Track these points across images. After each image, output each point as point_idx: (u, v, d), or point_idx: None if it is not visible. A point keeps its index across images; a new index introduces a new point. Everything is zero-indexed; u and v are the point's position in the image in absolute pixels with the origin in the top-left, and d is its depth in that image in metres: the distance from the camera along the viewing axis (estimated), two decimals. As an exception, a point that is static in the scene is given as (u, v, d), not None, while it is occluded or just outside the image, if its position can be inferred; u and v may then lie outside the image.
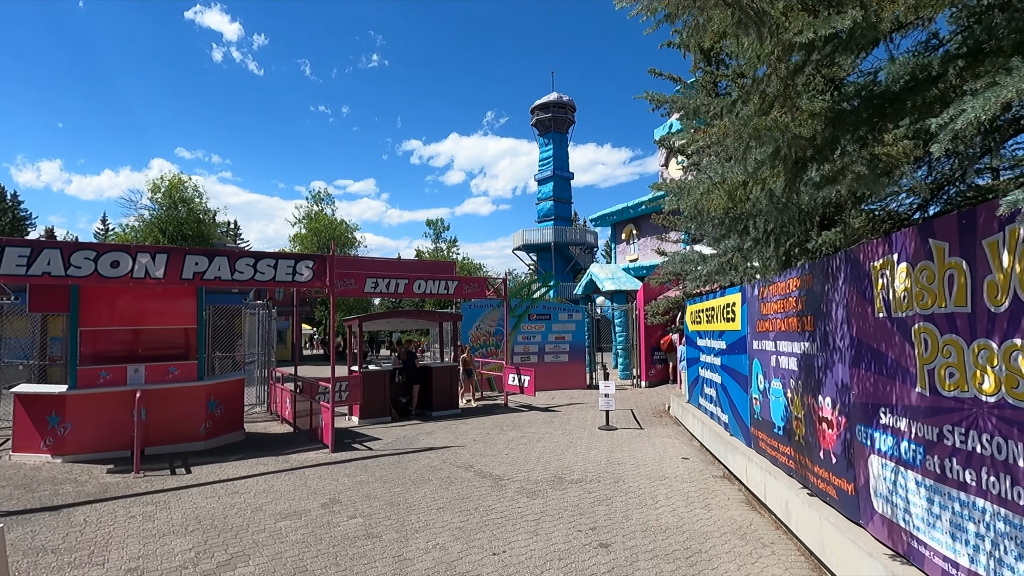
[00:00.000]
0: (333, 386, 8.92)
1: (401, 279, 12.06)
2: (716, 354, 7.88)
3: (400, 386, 12.43)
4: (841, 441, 3.94)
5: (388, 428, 10.77)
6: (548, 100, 46.36)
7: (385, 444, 9.22)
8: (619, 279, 18.36)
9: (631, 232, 19.85)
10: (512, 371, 13.22)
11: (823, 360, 4.21)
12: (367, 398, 11.44)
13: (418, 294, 12.33)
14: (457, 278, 12.94)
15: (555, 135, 46.38)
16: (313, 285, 8.66)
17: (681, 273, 4.55)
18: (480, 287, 13.23)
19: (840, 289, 3.91)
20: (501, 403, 13.65)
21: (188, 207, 22.00)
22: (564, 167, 46.72)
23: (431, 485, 6.62)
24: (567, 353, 16.25)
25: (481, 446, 8.85)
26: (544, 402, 13.76)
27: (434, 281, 12.48)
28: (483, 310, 15.97)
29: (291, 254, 8.47)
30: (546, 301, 16.59)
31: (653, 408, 12.80)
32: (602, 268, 19.12)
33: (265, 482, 6.85)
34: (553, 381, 16.02)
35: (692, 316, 9.64)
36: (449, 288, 12.68)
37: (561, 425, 10.68)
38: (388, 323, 12.98)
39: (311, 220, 33.88)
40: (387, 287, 11.87)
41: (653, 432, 9.85)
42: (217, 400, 9.26)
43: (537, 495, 6.19)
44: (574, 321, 16.37)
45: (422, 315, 12.40)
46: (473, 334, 15.84)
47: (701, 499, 6.07)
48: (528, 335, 16.12)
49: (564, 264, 44.60)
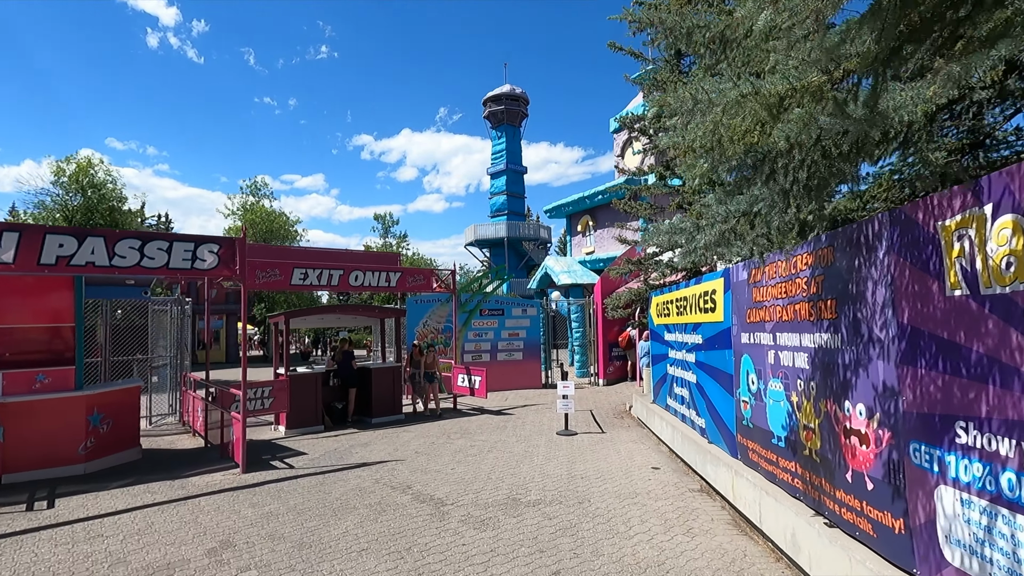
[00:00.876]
0: (244, 393, 7.51)
1: (335, 270, 10.70)
2: (689, 349, 6.97)
3: (335, 390, 11.06)
4: (883, 462, 3.00)
5: (318, 439, 9.40)
6: (500, 92, 45.24)
7: (311, 460, 7.88)
8: (575, 272, 17.47)
9: (587, 224, 19.01)
10: (461, 371, 12.05)
11: (851, 356, 3.28)
12: (295, 405, 10.04)
13: (355, 287, 10.99)
14: (400, 269, 11.67)
15: (508, 128, 45.32)
16: (219, 274, 7.22)
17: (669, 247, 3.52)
18: (426, 279, 11.99)
19: (880, 263, 2.98)
20: (450, 407, 12.46)
21: (99, 193, 19.61)
22: (517, 161, 45.73)
23: (357, 515, 5.39)
24: (521, 351, 15.21)
25: (423, 459, 7.66)
26: (497, 404, 12.67)
27: (374, 273, 11.16)
28: (430, 305, 14.71)
29: (190, 236, 7.01)
30: (499, 296, 15.50)
31: (613, 408, 11.92)
32: (557, 261, 18.20)
33: (145, 518, 5.44)
34: (507, 381, 14.95)
35: (658, 308, 8.75)
36: (391, 280, 11.39)
37: (515, 431, 9.60)
38: (322, 319, 11.57)
39: (247, 212, 31.53)
40: (318, 279, 10.48)
41: (616, 436, 8.92)
42: (103, 413, 7.68)
43: (487, 525, 5.07)
44: (528, 317, 15.36)
45: (359, 310, 11.06)
46: (420, 331, 14.56)
47: (681, 522, 5.11)
48: (480, 332, 14.98)
49: (518, 260, 43.66)
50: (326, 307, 10.35)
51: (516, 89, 45.67)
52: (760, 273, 4.63)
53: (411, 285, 11.75)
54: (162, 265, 6.77)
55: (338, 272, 10.69)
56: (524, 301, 15.48)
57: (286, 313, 10.08)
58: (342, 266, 10.80)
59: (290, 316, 10.19)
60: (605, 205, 18.06)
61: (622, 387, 14.92)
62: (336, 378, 11.06)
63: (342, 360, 11.03)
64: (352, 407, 11.07)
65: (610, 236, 17.90)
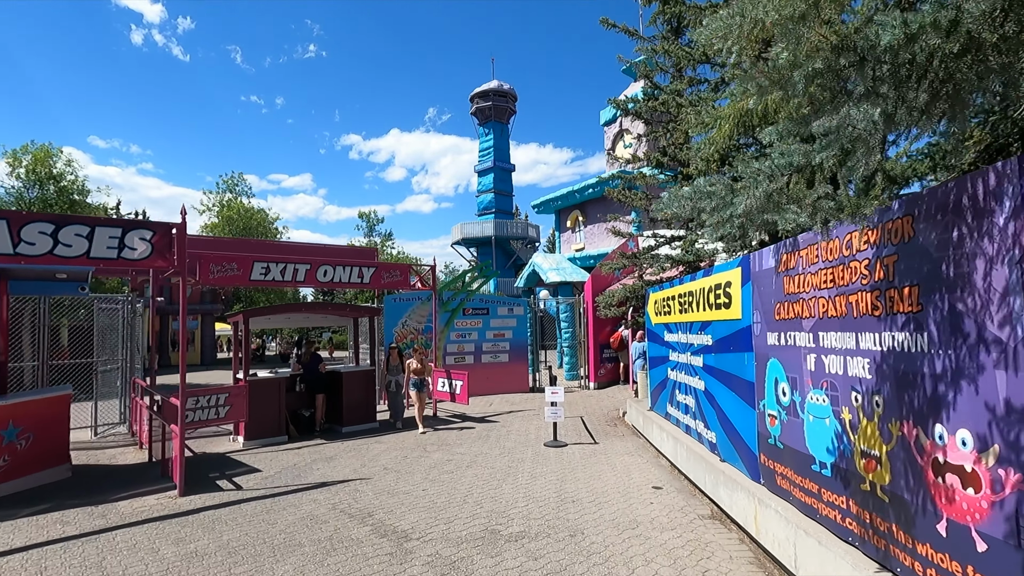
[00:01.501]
0: (183, 404, 6.50)
1: (301, 264, 9.73)
2: (696, 352, 6.10)
3: (301, 397, 10.06)
4: (1005, 516, 2.13)
5: (279, 452, 8.41)
6: (488, 88, 44.33)
7: (263, 479, 6.90)
8: (564, 270, 16.59)
9: (577, 219, 18.15)
10: (442, 375, 11.09)
11: (947, 363, 2.41)
12: (256, 414, 9.04)
13: (323, 283, 10.01)
14: (375, 264, 10.71)
15: (495, 125, 44.42)
16: (153, 264, 6.21)
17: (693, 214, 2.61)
18: (403, 276, 11.03)
19: (1002, 232, 2.11)
20: (429, 414, 11.50)
21: (58, 185, 18.37)
22: (505, 158, 44.84)
23: (300, 556, 4.43)
24: (507, 352, 14.29)
25: (392, 478, 6.71)
26: (480, 410, 11.73)
27: (344, 268, 10.20)
28: (410, 304, 13.74)
29: (117, 220, 5.99)
30: (484, 294, 14.57)
31: (605, 414, 11.04)
32: (545, 258, 17.31)
33: (39, 561, 4.44)
34: (492, 384, 14.02)
35: (657, 306, 7.89)
36: (364, 276, 10.43)
37: (499, 442, 8.68)
38: (287, 319, 10.56)
39: (224, 208, 30.30)
40: (282, 274, 9.50)
41: (610, 448, 8.04)
42: (21, 426, 6.64)
43: (457, 569, 4.14)
44: (515, 316, 14.44)
45: (327, 309, 10.08)
46: (398, 332, 13.58)
47: (693, 561, 4.22)
48: (463, 332, 14.04)
49: (505, 259, 42.77)
50: (288, 305, 9.37)
51: (504, 85, 44.79)
52: (794, 258, 3.75)
53: (387, 281, 10.78)
54: (81, 254, 5.75)
55: (304, 267, 9.71)
56: (510, 300, 14.59)
57: (244, 312, 9.07)
58: (309, 260, 9.82)
59: (249, 315, 9.18)
60: (596, 199, 17.22)
61: (614, 391, 14.05)
62: (302, 383, 10.07)
63: (308, 363, 10.04)
64: (321, 415, 10.08)
65: (601, 232, 17.06)
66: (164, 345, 30.30)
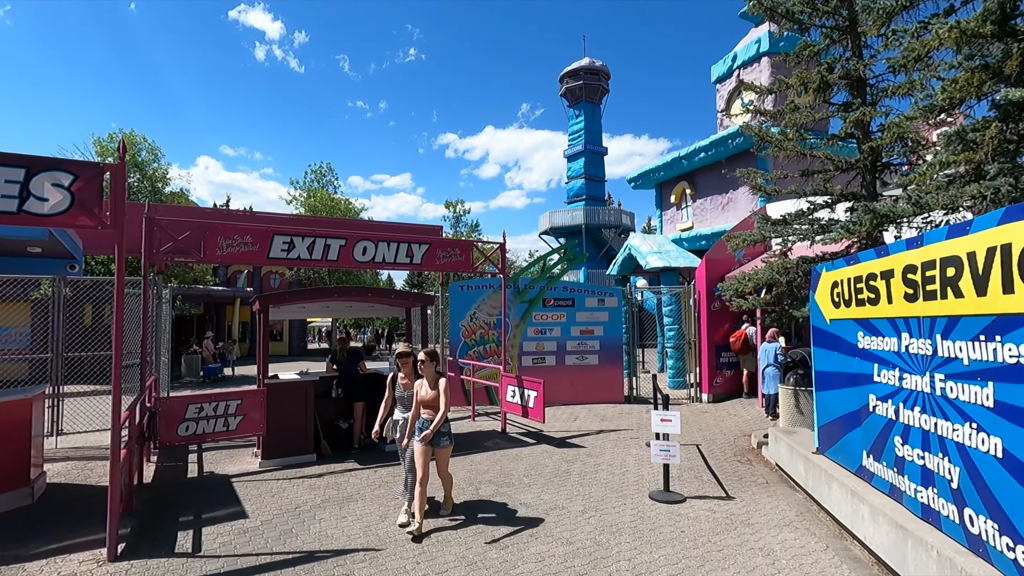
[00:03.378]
0: (116, 419, 4.53)
1: (334, 239, 7.73)
2: (967, 375, 3.18)
3: (338, 404, 8.11)
4: None
5: (293, 482, 6.43)
6: (579, 66, 41.40)
7: (240, 533, 4.85)
8: (668, 253, 13.59)
9: (683, 192, 15.01)
10: (511, 382, 8.70)
11: None
12: (276, 426, 7.18)
13: (363, 263, 7.94)
14: (428, 240, 8.49)
15: (586, 105, 41.38)
16: (75, 222, 4.30)
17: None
18: (464, 254, 8.74)
19: None
20: (497, 428, 9.17)
21: (141, 172, 18.24)
22: (597, 141, 41.70)
23: None
24: (597, 353, 11.64)
25: (411, 555, 4.39)
26: (562, 426, 9.21)
27: (389, 244, 8.09)
28: (480, 292, 11.49)
29: (17, 156, 4.12)
30: (569, 282, 12.00)
31: (730, 442, 8.10)
32: (644, 239, 14.38)
33: None
34: (577, 392, 11.45)
35: (841, 290, 4.91)
36: (414, 255, 8.27)
37: (583, 485, 6.13)
38: (326, 307, 8.65)
39: (308, 197, 30.03)
40: (308, 251, 7.55)
41: (755, 509, 5.23)
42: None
43: None
44: (607, 309, 11.74)
45: (368, 295, 8.02)
46: (466, 326, 11.38)
47: None
48: (543, 328, 11.57)
49: (596, 250, 39.75)
50: (315, 290, 7.38)
51: (596, 62, 41.65)
52: None
53: (443, 262, 8.54)
54: (-40, 204, 3.93)
55: (338, 242, 7.69)
56: (601, 288, 11.91)
57: (260, 297, 7.22)
58: (344, 234, 7.79)
59: (267, 302, 7.31)
60: (709, 166, 14.00)
61: (735, 407, 10.94)
62: (339, 388, 8.10)
63: (345, 362, 8.03)
64: (360, 427, 8.06)
65: (715, 206, 13.84)
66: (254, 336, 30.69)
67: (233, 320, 29.37)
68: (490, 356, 11.35)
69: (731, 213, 13.30)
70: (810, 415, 7.45)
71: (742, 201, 12.96)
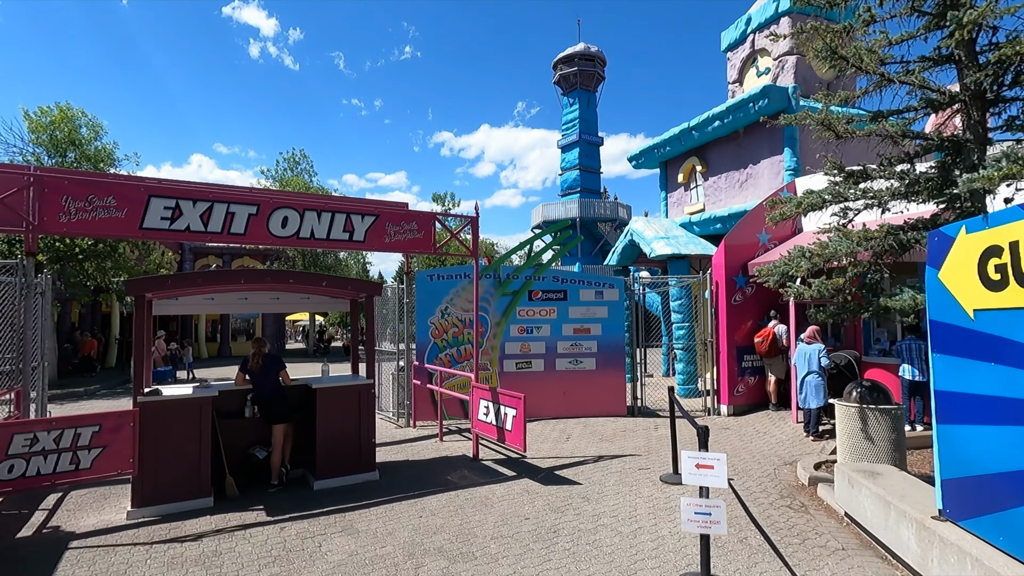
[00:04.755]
0: None
1: (241, 205, 5.74)
2: None
3: (253, 427, 6.13)
4: None
5: (160, 548, 4.44)
6: (573, 51, 39.51)
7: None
8: (676, 239, 11.65)
9: (692, 170, 13.07)
10: (484, 395, 6.73)
11: None
12: (153, 462, 5.23)
13: (281, 238, 5.95)
14: (374, 210, 6.49)
15: (581, 93, 39.49)
16: None
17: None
18: (423, 231, 6.74)
19: None
20: (468, 453, 7.21)
21: (81, 151, 16.17)
22: (592, 130, 39.81)
23: None
24: (594, 356, 9.68)
25: None
26: (550, 450, 7.26)
27: (319, 215, 6.12)
28: (453, 283, 9.51)
29: None
30: (560, 271, 10.05)
31: (770, 474, 6.17)
32: (649, 224, 12.44)
33: None
34: (570, 403, 9.50)
35: (1003, 263, 2.96)
36: (354, 230, 6.30)
37: (576, 556, 4.17)
38: (244, 300, 6.63)
39: (282, 187, 27.91)
40: (203, 220, 5.55)
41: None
42: None
43: None
44: (607, 303, 9.79)
45: (291, 280, 5.98)
46: (436, 324, 9.40)
47: None
48: (529, 326, 9.61)
49: (592, 244, 37.89)
50: (211, 274, 5.30)
51: (591, 48, 39.75)
52: None
53: (394, 240, 6.55)
54: None
55: (246, 209, 5.69)
56: (599, 279, 9.98)
57: (131, 283, 5.22)
58: (255, 199, 5.79)
59: (140, 288, 5.30)
60: (725, 139, 12.07)
61: (762, 421, 9.01)
62: (254, 404, 6.11)
63: (260, 372, 6.03)
64: (280, 457, 6.07)
65: (730, 184, 11.92)
66: (225, 335, 28.59)
67: (199, 318, 27.26)
68: (465, 360, 9.39)
69: (750, 191, 11.38)
70: (888, 446, 5.52)
71: (764, 177, 11.04)
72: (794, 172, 10.41)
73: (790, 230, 10.02)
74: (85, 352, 19.60)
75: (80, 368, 19.37)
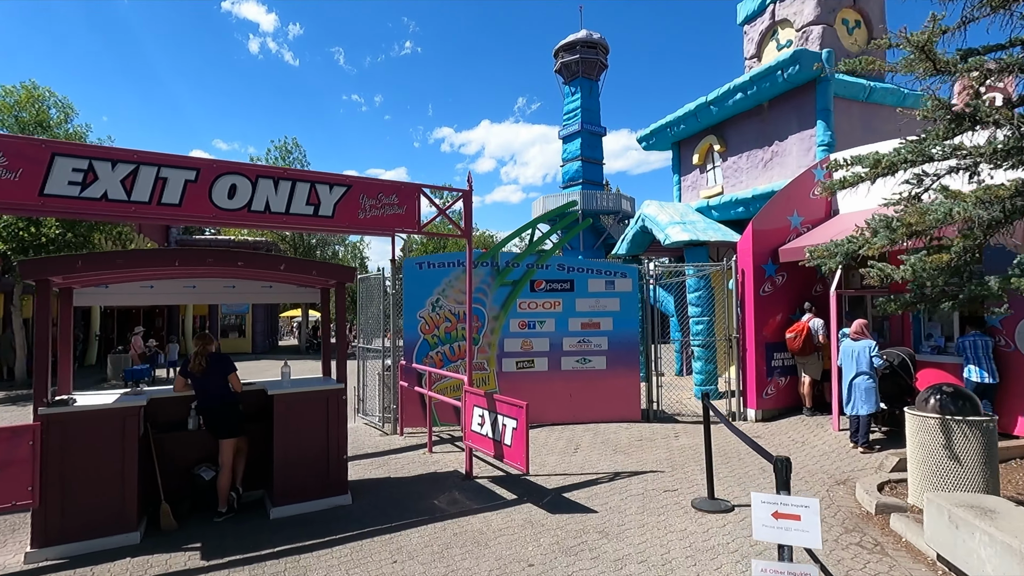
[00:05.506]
0: None
1: (175, 169, 4.63)
2: None
3: (199, 441, 5.06)
4: None
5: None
6: (575, 38, 38.32)
7: None
8: (694, 224, 10.55)
9: (709, 150, 11.95)
10: (478, 402, 5.64)
11: None
12: (61, 490, 4.15)
13: (226, 211, 4.84)
14: (346, 180, 5.37)
15: (583, 82, 38.28)
16: None
17: None
18: (405, 206, 5.61)
19: None
20: (460, 468, 6.13)
21: (50, 135, 15.04)
22: (595, 120, 38.62)
23: None
24: (604, 353, 8.59)
25: None
26: (556, 464, 6.17)
27: (276, 183, 5.03)
28: (446, 271, 8.41)
29: None
30: (565, 258, 8.93)
31: (825, 496, 5.08)
32: (662, 208, 11.34)
33: None
34: (577, 407, 8.42)
35: None
36: (320, 203, 5.22)
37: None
38: (193, 289, 5.52)
39: (273, 176, 26.72)
40: (126, 188, 4.45)
41: None
42: None
43: None
44: (619, 294, 8.69)
45: (240, 263, 4.87)
46: (427, 317, 8.31)
47: None
48: (531, 320, 8.52)
49: (594, 238, 36.77)
50: (142, 253, 4.17)
51: (593, 35, 38.55)
52: None
53: (370, 217, 5.43)
54: None
55: (182, 175, 4.59)
56: (611, 267, 8.89)
57: (25, 265, 4.13)
58: (194, 163, 4.67)
59: (42, 270, 4.21)
60: (746, 114, 10.95)
61: (798, 428, 7.93)
62: (199, 414, 5.02)
63: (204, 376, 4.94)
64: (232, 479, 5.00)
65: (753, 164, 10.80)
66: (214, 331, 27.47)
67: (186, 313, 26.17)
68: (459, 358, 8.30)
69: (776, 171, 10.27)
70: (979, 468, 4.43)
71: (792, 154, 9.92)
72: (828, 147, 9.28)
73: (824, 211, 8.91)
74: (60, 349, 18.49)
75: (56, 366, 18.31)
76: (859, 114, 10.38)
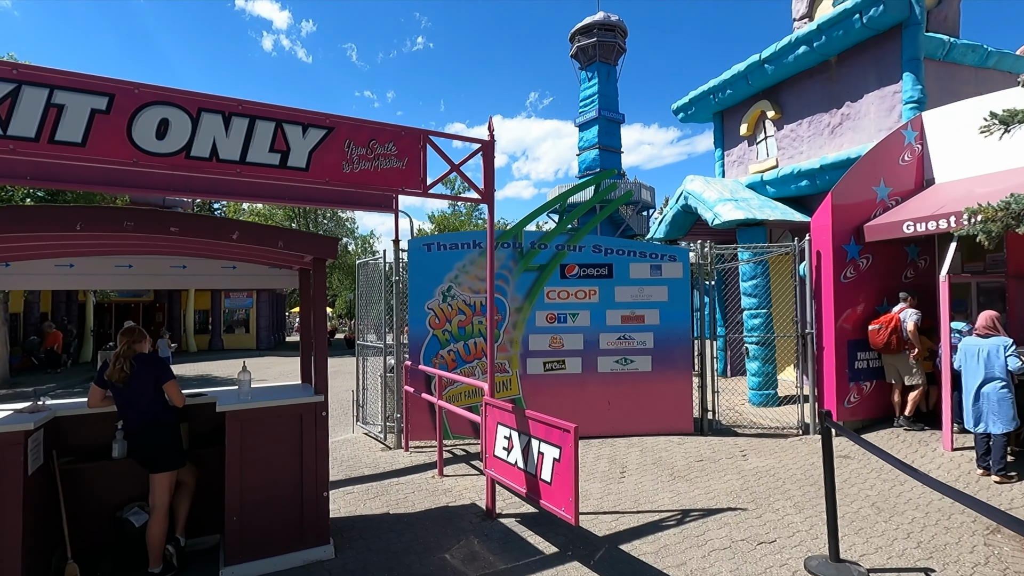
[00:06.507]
0: None
1: (81, 94, 3.20)
2: None
3: (129, 473, 3.70)
4: None
5: None
6: (592, 21, 36.63)
7: None
8: (747, 201, 9.04)
9: (759, 118, 10.39)
10: (504, 418, 4.22)
11: None
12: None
13: (155, 157, 3.43)
14: (327, 122, 3.94)
15: (600, 66, 36.60)
16: None
17: None
18: (405, 157, 4.19)
19: None
20: (480, 503, 4.73)
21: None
22: (612, 106, 36.95)
23: None
24: (649, 353, 7.13)
25: None
26: (599, 494, 4.76)
27: (229, 120, 3.60)
28: (460, 254, 6.99)
29: None
30: (601, 238, 7.43)
31: (978, 551, 3.59)
32: (709, 184, 9.83)
33: None
34: (617, 417, 6.98)
35: None
36: (290, 150, 3.81)
37: None
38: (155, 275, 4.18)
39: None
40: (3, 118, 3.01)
41: None
42: None
43: None
44: (666, 282, 7.23)
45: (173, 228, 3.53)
46: (436, 309, 6.90)
47: None
48: (561, 313, 7.08)
49: (612, 229, 35.17)
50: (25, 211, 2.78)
51: (611, 17, 36.87)
52: None
53: (359, 170, 4.01)
54: None
55: (91, 102, 3.19)
56: (657, 248, 7.44)
57: None
58: (110, 87, 3.28)
59: None
60: (808, 72, 9.37)
61: (896, 444, 6.42)
62: (126, 439, 3.67)
63: (128, 386, 3.57)
64: (168, 526, 3.64)
65: (817, 131, 9.24)
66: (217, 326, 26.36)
67: (187, 306, 25.07)
68: (476, 358, 6.91)
69: (847, 136, 8.72)
70: None
71: (870, 116, 8.37)
72: (917, 105, 7.72)
73: (915, 181, 7.37)
74: (49, 345, 17.48)
75: (47, 363, 17.34)
76: (935, 74, 8.78)
